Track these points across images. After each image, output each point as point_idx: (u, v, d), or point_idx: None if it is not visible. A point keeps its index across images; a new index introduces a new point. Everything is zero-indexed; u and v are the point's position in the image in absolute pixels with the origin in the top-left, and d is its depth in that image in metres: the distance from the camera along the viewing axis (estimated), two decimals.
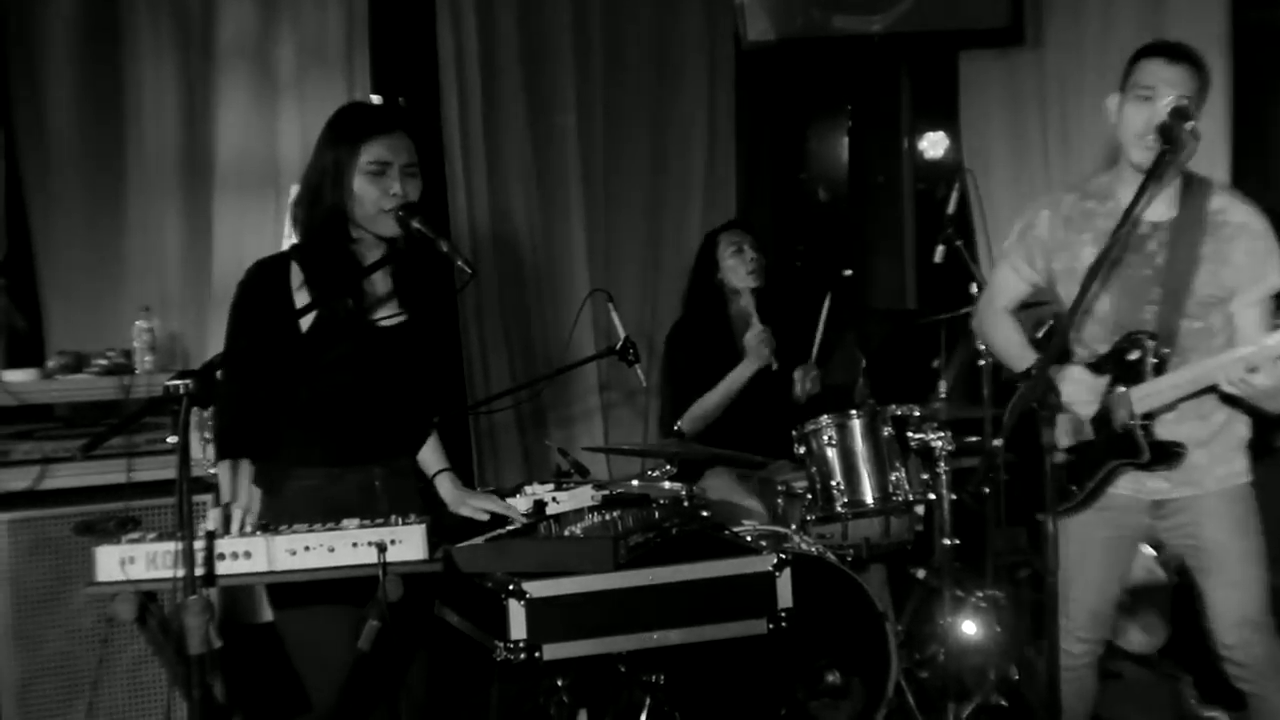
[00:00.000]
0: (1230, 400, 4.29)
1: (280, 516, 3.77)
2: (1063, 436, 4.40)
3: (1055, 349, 4.09)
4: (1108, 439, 4.35)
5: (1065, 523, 4.41)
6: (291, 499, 3.95)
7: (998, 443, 4.30)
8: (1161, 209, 4.32)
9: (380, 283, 4.13)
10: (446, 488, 4.34)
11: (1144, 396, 4.26)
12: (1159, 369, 4.27)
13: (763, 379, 6.39)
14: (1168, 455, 4.28)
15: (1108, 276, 4.31)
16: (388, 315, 4.10)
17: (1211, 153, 6.81)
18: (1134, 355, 4.29)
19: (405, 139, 4.01)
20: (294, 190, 4.25)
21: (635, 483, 5.66)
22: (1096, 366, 4.41)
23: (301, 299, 3.96)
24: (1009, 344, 4.72)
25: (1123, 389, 4.29)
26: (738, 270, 6.49)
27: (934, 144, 9.15)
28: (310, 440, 4.00)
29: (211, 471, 4.08)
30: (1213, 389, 4.18)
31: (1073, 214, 4.49)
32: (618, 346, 5.20)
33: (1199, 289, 4.30)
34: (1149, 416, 4.27)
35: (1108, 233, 4.16)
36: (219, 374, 3.41)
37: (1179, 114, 4.10)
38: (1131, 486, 4.44)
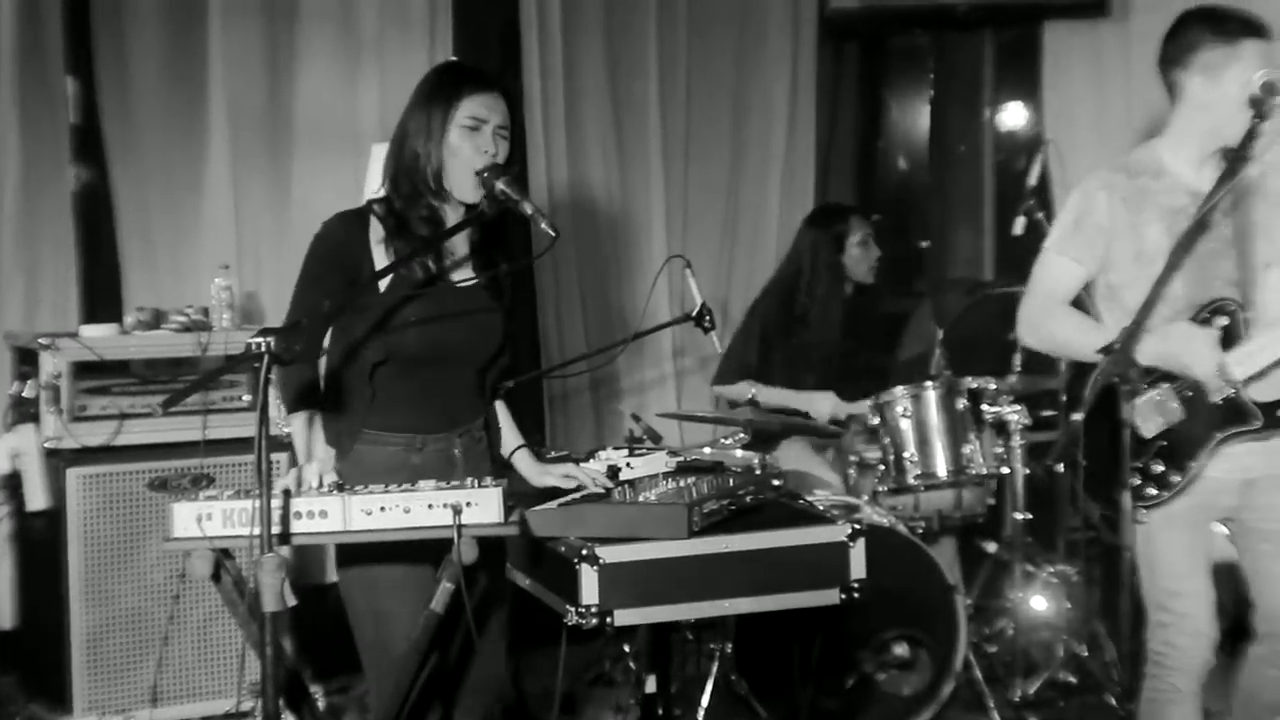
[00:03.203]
0: None
1: (361, 482, 3.72)
2: (1149, 424, 4.29)
3: (1137, 325, 4.02)
4: (1208, 414, 4.24)
5: (1166, 513, 4.28)
6: (373, 466, 3.90)
7: (1077, 417, 4.21)
8: (1207, 178, 4.26)
9: (460, 244, 4.09)
10: (525, 464, 4.33)
11: (1241, 360, 4.16)
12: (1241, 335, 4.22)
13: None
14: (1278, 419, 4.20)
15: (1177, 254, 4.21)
16: (465, 277, 4.06)
17: None
18: (1222, 321, 4.22)
19: (502, 101, 3.98)
20: (375, 151, 4.23)
21: (708, 450, 5.67)
22: None
23: (379, 255, 3.93)
24: (1080, 330, 4.40)
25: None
26: (861, 265, 6.60)
27: (1014, 114, 9.07)
28: (392, 407, 3.96)
29: (286, 430, 4.07)
30: None
31: (1129, 194, 4.34)
32: (694, 313, 5.18)
33: (1259, 254, 4.26)
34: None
35: (1171, 209, 4.22)
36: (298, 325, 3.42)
37: (1269, 88, 4.07)
38: (1223, 466, 4.26)
